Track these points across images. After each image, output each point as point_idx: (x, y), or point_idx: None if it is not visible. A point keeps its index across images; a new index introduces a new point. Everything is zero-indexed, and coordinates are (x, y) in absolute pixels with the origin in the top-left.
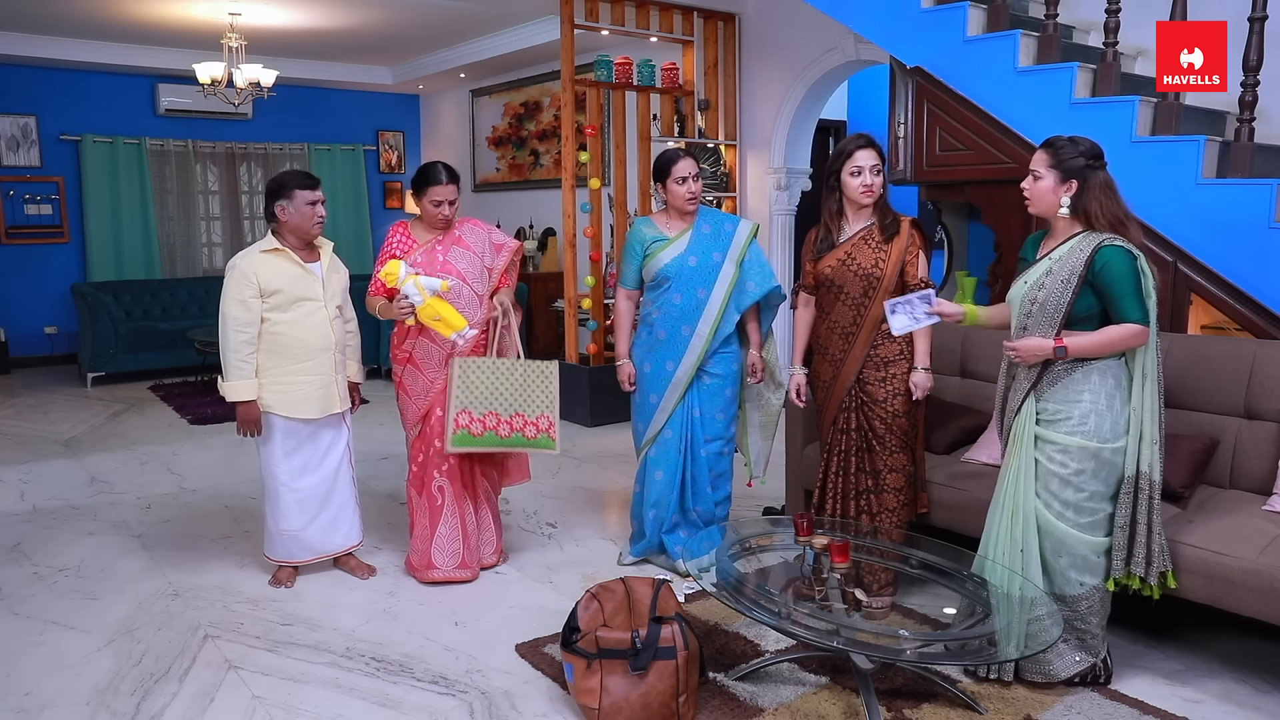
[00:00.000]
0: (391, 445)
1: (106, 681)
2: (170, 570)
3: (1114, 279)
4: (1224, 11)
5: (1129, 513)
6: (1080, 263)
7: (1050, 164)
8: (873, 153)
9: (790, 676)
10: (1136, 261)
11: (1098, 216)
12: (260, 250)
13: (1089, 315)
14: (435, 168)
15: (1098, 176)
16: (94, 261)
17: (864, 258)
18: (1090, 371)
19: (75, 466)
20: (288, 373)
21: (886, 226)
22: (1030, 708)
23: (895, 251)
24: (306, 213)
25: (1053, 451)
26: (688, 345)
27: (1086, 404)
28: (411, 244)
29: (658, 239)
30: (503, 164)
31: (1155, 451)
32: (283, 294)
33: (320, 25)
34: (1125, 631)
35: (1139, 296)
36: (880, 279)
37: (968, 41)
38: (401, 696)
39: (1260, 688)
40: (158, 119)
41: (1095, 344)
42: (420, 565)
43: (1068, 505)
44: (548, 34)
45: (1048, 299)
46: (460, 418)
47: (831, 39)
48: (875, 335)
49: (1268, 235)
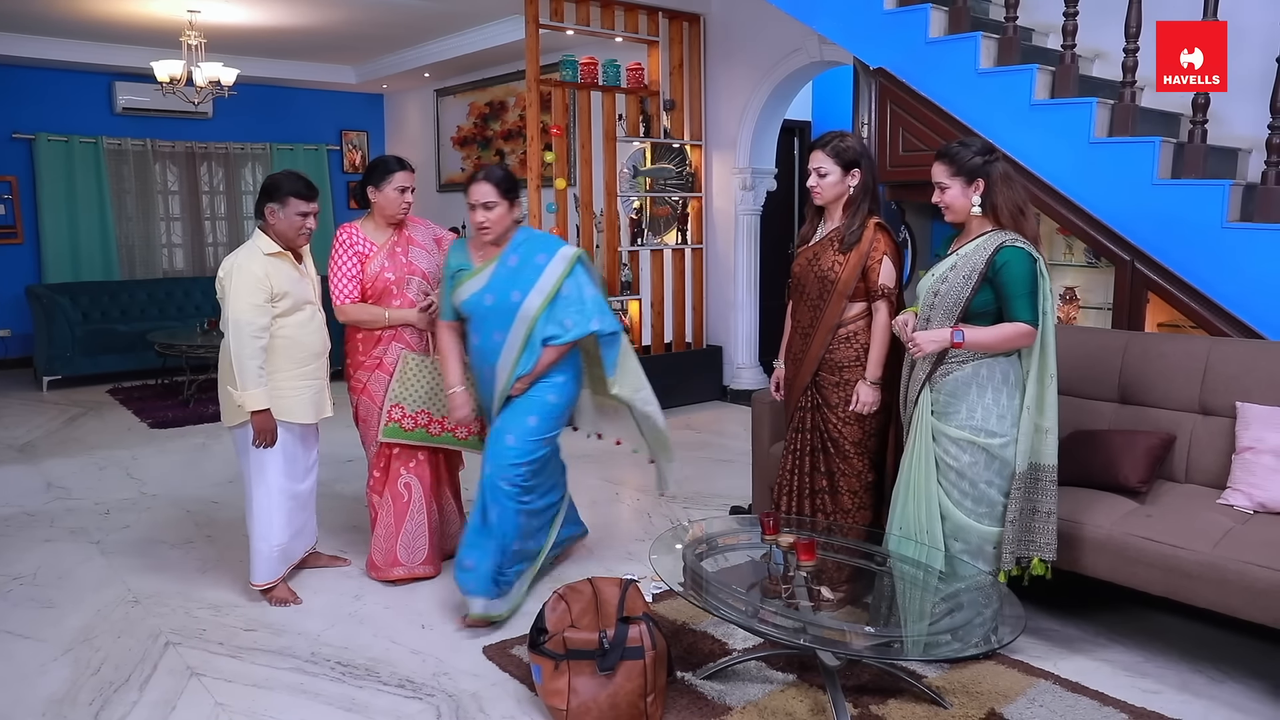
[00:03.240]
0: (355, 448)
1: (64, 691)
2: (130, 577)
3: (1011, 279)
4: (1176, 14)
5: (1025, 503)
6: (982, 261)
7: (952, 172)
8: (820, 154)
9: (758, 675)
10: (1036, 265)
11: (1001, 208)
12: (265, 253)
13: (985, 311)
14: (388, 158)
15: (997, 169)
16: (49, 263)
17: (825, 260)
18: (980, 367)
19: (31, 472)
20: (289, 377)
21: (850, 231)
22: (994, 701)
23: (854, 256)
24: (295, 222)
25: (947, 444)
26: (494, 385)
27: (973, 399)
28: (370, 245)
29: (463, 268)
30: (468, 164)
31: (1051, 441)
32: (289, 298)
33: (282, 23)
34: (1085, 624)
35: (1032, 299)
36: (834, 282)
37: (930, 43)
38: (368, 700)
39: (1215, 677)
40: (115, 117)
41: (988, 339)
42: (383, 564)
43: (965, 495)
44: (512, 33)
45: (948, 292)
46: (394, 411)
47: (796, 40)
48: (830, 339)
49: (1221, 234)
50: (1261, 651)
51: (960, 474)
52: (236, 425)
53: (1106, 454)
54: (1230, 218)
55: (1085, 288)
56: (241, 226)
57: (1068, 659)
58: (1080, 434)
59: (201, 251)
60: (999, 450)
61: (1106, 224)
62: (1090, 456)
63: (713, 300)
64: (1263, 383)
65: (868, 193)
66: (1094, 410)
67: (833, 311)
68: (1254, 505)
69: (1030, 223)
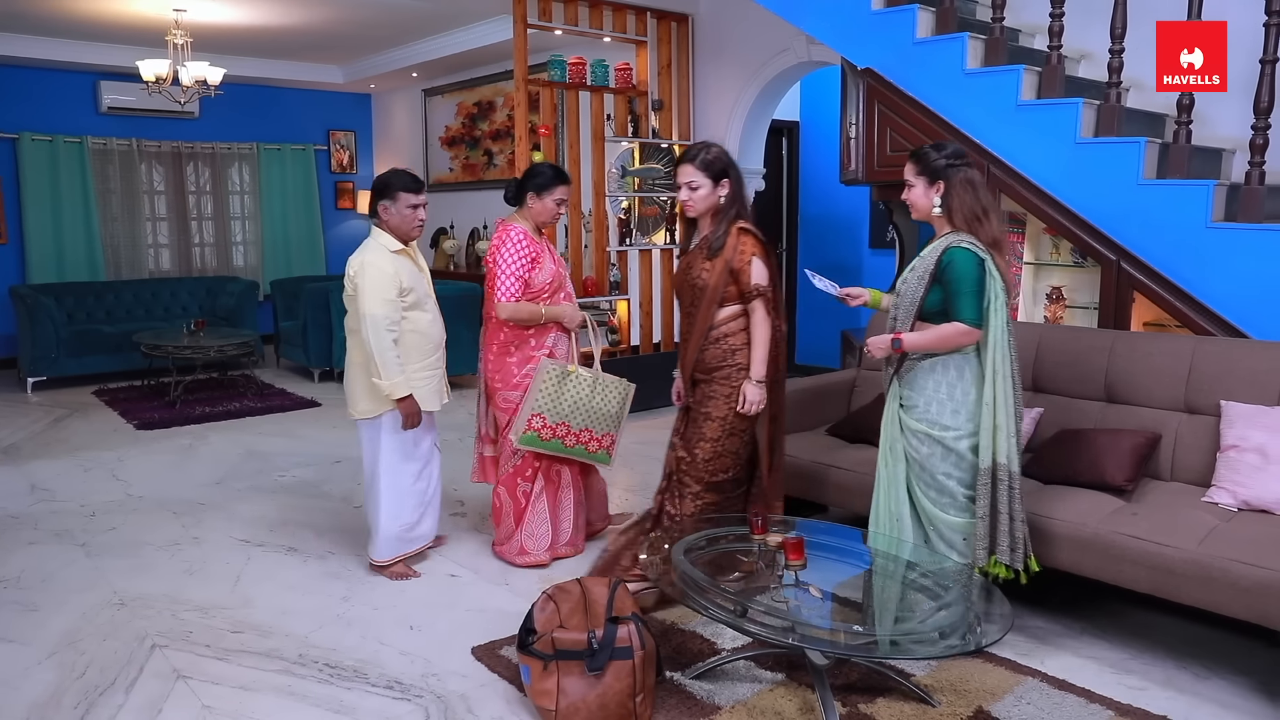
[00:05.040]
0: (344, 448)
1: (48, 695)
2: (115, 579)
3: (954, 278)
4: (1162, 16)
5: (988, 502)
6: (933, 261)
7: (918, 171)
8: (690, 168)
9: (747, 674)
10: (982, 264)
11: (957, 211)
12: (391, 250)
13: (939, 311)
14: (548, 167)
15: (959, 174)
16: (34, 263)
17: (696, 268)
18: (935, 364)
19: (14, 474)
20: (418, 368)
21: (715, 237)
22: (982, 699)
23: (719, 262)
24: (408, 215)
25: (909, 436)
26: None
27: (929, 393)
28: (538, 247)
29: None
30: (456, 164)
31: (1012, 444)
32: (414, 292)
33: (268, 23)
34: (1071, 622)
35: (975, 297)
36: (703, 289)
37: (917, 43)
38: (356, 702)
39: (1200, 674)
40: (100, 117)
41: (926, 340)
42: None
43: (929, 486)
44: (500, 33)
45: (907, 293)
46: (534, 420)
47: (784, 40)
48: (704, 343)
49: (1205, 234)
50: (1246, 648)
51: (921, 465)
52: (364, 418)
53: (1092, 453)
54: (1214, 218)
55: (1072, 287)
56: (228, 227)
57: (1054, 656)
58: (1066, 433)
59: (188, 252)
60: (953, 443)
61: (1092, 224)
62: (1076, 455)
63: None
64: (1246, 381)
65: (736, 201)
66: (1080, 409)
67: (704, 317)
68: (1238, 503)
69: (989, 228)
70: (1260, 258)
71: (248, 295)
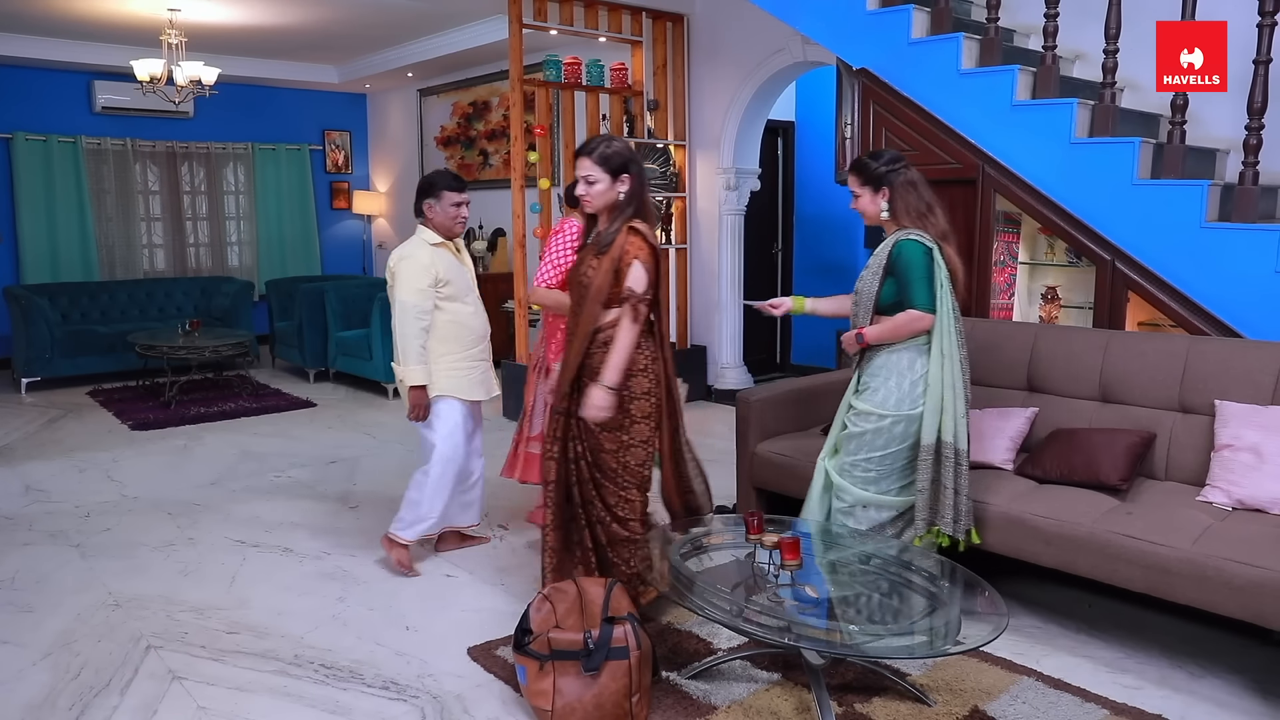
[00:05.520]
0: (340, 449)
1: (42, 697)
2: (110, 580)
3: (904, 267)
4: (1156, 16)
5: (930, 475)
6: (884, 255)
7: (862, 182)
8: (588, 162)
9: (743, 674)
10: (930, 252)
11: (904, 211)
12: (430, 244)
13: (894, 303)
14: None
15: (900, 177)
16: (28, 263)
17: (585, 265)
18: (892, 352)
19: (8, 475)
20: (461, 359)
21: (606, 234)
22: (977, 699)
23: (606, 261)
24: (450, 212)
25: (853, 415)
26: None
27: (882, 378)
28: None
29: None
30: (451, 164)
31: (961, 424)
32: (453, 285)
33: (263, 23)
34: (1067, 621)
35: (925, 284)
36: (588, 287)
37: (912, 44)
38: (352, 703)
39: (1195, 672)
40: (94, 117)
41: (884, 331)
42: None
43: (848, 456)
44: (496, 33)
45: (864, 289)
46: None
47: (779, 40)
48: (589, 345)
49: (1199, 234)
50: (1240, 646)
51: (855, 439)
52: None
53: (1087, 452)
54: (1209, 217)
55: (1066, 287)
56: (223, 227)
57: (1050, 656)
58: (1061, 432)
59: (183, 252)
60: (891, 426)
61: (1087, 224)
62: (1071, 454)
63: (697, 300)
64: (1240, 381)
65: (635, 198)
66: (1075, 409)
67: (589, 317)
68: (1232, 502)
69: (937, 222)
70: (1254, 257)
71: (243, 295)
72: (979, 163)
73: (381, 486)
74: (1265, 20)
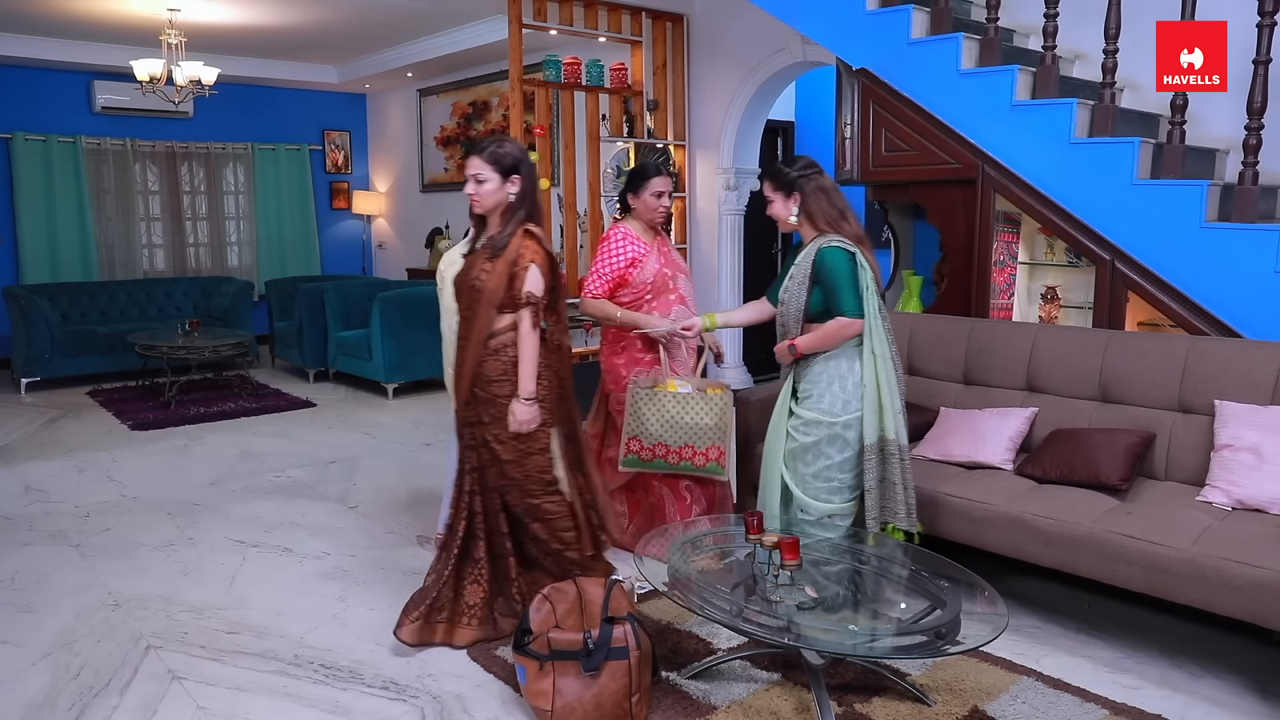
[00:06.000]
0: (339, 449)
1: (42, 697)
2: (110, 580)
3: (830, 275)
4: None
5: (878, 474)
6: (808, 264)
7: (774, 187)
8: (478, 160)
9: (742, 674)
10: (854, 258)
11: (817, 216)
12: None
13: (823, 311)
14: (646, 164)
15: (811, 183)
16: (28, 263)
17: (477, 269)
18: (829, 358)
19: (8, 475)
20: None
21: (499, 237)
22: (977, 699)
23: (500, 264)
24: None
25: (798, 424)
26: None
27: (823, 384)
28: (644, 246)
29: None
30: (451, 164)
31: (900, 420)
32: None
33: (263, 23)
34: (1067, 621)
35: (853, 290)
36: (482, 291)
37: (912, 44)
38: (351, 703)
39: (1195, 672)
40: (94, 117)
41: (816, 340)
42: None
43: (807, 468)
44: (495, 33)
45: (790, 300)
46: (632, 444)
47: (779, 40)
48: (482, 351)
49: (1199, 234)
50: (1240, 646)
51: (805, 449)
52: None
53: (1087, 452)
54: (1208, 217)
55: (1066, 287)
56: (223, 227)
57: (1049, 656)
58: (1061, 432)
59: (182, 252)
60: (841, 430)
61: (1087, 224)
62: (1071, 455)
63: (697, 300)
64: (1240, 381)
65: (526, 200)
66: (1075, 409)
67: (482, 323)
68: (1232, 502)
69: (850, 225)
70: (1254, 257)
71: (242, 295)
72: (979, 163)
73: (381, 486)
74: (1264, 20)
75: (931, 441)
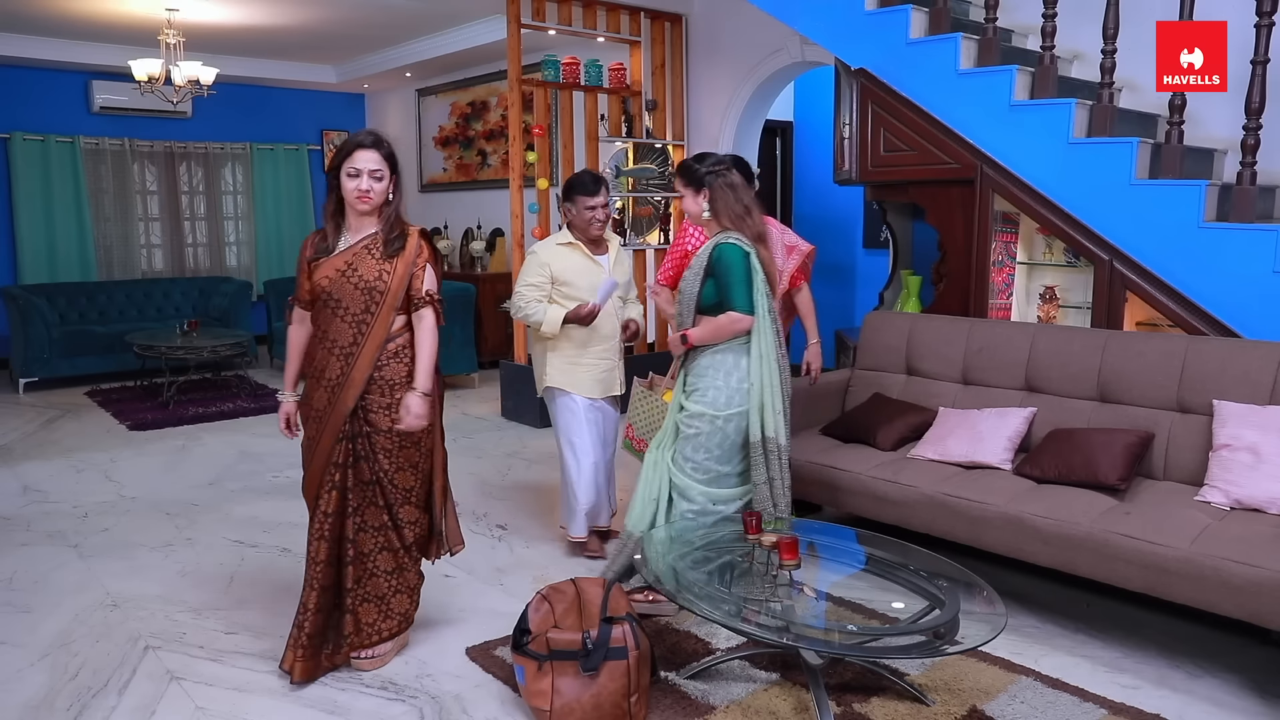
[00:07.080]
0: None
1: (40, 697)
2: (109, 580)
3: (724, 270)
4: (1154, 16)
5: (764, 471)
6: (705, 257)
7: (685, 183)
8: (375, 155)
9: (741, 674)
10: (748, 257)
11: (723, 212)
12: (556, 243)
13: (715, 304)
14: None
15: (719, 180)
16: (25, 263)
17: (367, 269)
18: (715, 353)
19: (6, 475)
20: (576, 355)
21: (391, 240)
22: (976, 698)
23: (401, 265)
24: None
25: (685, 417)
26: None
27: (708, 378)
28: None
29: None
30: (450, 164)
31: (779, 419)
32: (571, 285)
33: (261, 22)
34: (1065, 620)
35: (744, 286)
36: (385, 293)
37: (910, 44)
38: (349, 703)
39: (1193, 672)
40: (92, 116)
41: (707, 333)
42: None
43: (688, 460)
44: (494, 33)
45: (686, 290)
46: (630, 430)
47: (778, 40)
48: (381, 355)
49: (1197, 234)
50: (1238, 646)
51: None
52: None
53: (1086, 452)
54: (1207, 217)
55: (1065, 287)
56: (221, 227)
57: (1048, 655)
58: (1060, 432)
59: (181, 252)
60: (723, 424)
61: (1085, 224)
62: (1069, 454)
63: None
64: (1239, 380)
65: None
66: (1073, 409)
67: (382, 325)
68: (1230, 502)
69: (752, 224)
70: (1252, 257)
71: (241, 295)
72: (977, 163)
73: None
74: (1263, 20)
75: (930, 441)
